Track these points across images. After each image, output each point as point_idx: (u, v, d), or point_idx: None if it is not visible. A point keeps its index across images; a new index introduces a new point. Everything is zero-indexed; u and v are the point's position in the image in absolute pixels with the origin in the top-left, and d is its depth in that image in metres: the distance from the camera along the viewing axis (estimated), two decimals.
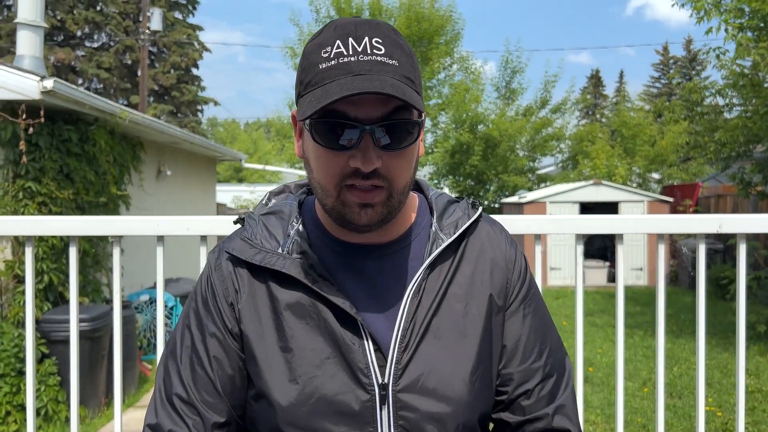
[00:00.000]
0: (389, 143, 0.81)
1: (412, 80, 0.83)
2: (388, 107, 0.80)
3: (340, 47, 0.80)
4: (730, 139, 8.11)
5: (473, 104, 15.50)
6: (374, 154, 0.80)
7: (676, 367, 6.12)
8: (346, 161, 0.81)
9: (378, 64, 0.80)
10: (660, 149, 16.12)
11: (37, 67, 5.57)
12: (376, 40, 0.81)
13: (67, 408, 4.48)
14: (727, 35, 7.03)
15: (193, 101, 26.51)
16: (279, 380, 0.86)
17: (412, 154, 0.86)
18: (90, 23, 23.97)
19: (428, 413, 0.86)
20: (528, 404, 0.93)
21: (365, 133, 0.80)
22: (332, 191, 0.83)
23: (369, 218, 0.84)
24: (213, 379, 0.89)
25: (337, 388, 0.85)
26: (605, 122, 23.96)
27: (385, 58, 0.80)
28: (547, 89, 17.20)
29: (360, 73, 0.78)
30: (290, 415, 0.85)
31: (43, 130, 4.82)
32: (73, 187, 5.08)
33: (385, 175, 0.82)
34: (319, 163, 0.84)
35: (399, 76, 0.81)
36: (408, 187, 0.87)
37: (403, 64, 0.82)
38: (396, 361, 0.86)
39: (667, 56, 39.77)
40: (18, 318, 4.62)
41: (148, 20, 16.68)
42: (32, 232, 1.65)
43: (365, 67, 0.79)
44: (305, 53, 0.84)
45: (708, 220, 1.63)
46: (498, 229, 1.01)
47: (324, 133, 0.81)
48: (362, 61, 0.79)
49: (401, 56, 0.82)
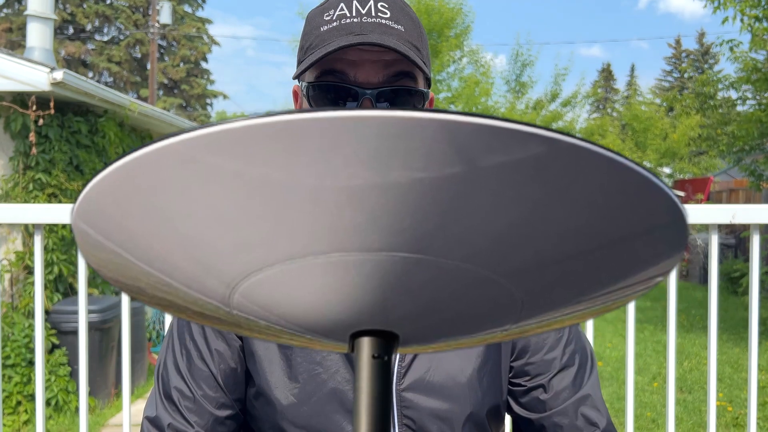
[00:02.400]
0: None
1: (418, 48, 0.78)
2: (390, 70, 0.76)
3: (343, 9, 0.76)
4: (744, 133, 8.04)
5: (483, 97, 15.44)
6: None
7: (687, 362, 6.08)
8: None
9: (381, 26, 0.75)
10: (671, 143, 16.01)
11: (47, 59, 5.59)
12: (382, 4, 0.77)
13: (77, 398, 4.51)
14: (743, 25, 6.96)
15: (202, 95, 26.58)
16: (279, 378, 0.84)
17: None
18: (100, 17, 24.07)
19: (434, 411, 0.83)
20: (547, 398, 0.87)
21: (365, 98, 0.75)
22: None
23: None
24: (215, 372, 0.86)
25: (339, 385, 0.83)
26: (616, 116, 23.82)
27: (390, 22, 0.76)
28: (557, 83, 17.10)
29: (362, 33, 0.74)
30: (291, 413, 0.83)
31: (53, 122, 4.84)
32: (83, 178, 5.10)
33: None
34: None
35: (404, 41, 0.76)
36: None
37: (409, 30, 0.78)
38: (400, 358, 0.83)
39: (679, 50, 39.44)
40: (29, 309, 4.65)
41: (157, 13, 16.72)
42: (42, 220, 1.65)
43: (368, 29, 0.75)
44: (308, 19, 0.81)
45: (721, 210, 1.61)
46: None
47: (321, 97, 0.77)
48: (365, 23, 0.75)
49: (407, 22, 0.78)
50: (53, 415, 4.44)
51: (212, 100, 27.66)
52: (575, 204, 0.24)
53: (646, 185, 0.25)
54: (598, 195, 0.24)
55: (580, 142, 0.23)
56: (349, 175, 0.23)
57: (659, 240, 0.28)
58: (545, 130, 0.22)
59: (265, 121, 0.22)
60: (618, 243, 0.27)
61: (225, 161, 0.23)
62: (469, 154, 0.22)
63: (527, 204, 0.24)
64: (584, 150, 0.23)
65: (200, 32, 26.08)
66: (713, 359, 1.66)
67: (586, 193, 0.24)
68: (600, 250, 0.27)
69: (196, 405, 0.86)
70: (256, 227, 0.25)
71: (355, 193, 0.23)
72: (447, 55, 15.51)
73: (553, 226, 0.25)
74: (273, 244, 0.26)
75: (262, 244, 0.26)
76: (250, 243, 0.26)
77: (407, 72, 0.77)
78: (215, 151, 0.23)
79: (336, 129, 0.22)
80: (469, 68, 16.69)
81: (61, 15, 22.88)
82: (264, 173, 0.23)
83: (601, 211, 0.25)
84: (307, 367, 0.83)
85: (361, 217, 0.24)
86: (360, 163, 0.22)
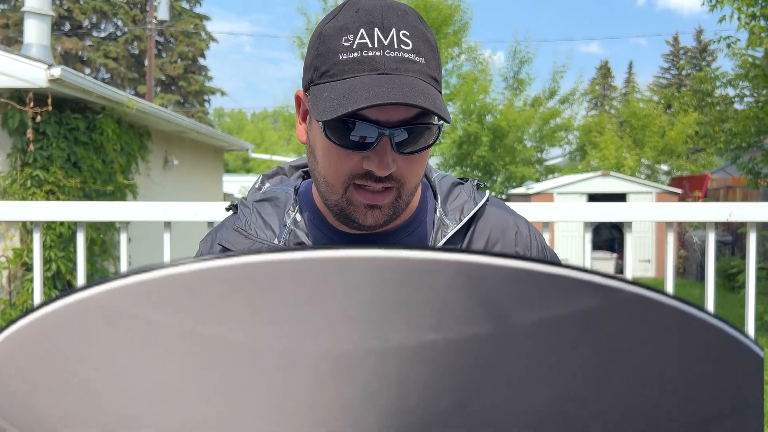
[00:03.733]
0: (407, 146, 0.76)
1: (436, 79, 0.77)
2: (412, 112, 0.75)
3: (364, 38, 0.74)
4: (741, 130, 8.05)
5: (481, 95, 15.43)
6: (390, 159, 0.75)
7: None
8: (359, 162, 0.76)
9: (404, 62, 0.74)
10: (669, 140, 16.03)
11: (45, 55, 5.58)
12: (404, 33, 0.75)
13: None
14: (740, 24, 6.97)
15: (200, 91, 26.54)
16: None
17: (426, 154, 0.81)
18: (97, 13, 24.00)
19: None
20: None
21: (384, 136, 0.74)
22: (339, 189, 0.78)
23: (375, 219, 0.79)
24: None
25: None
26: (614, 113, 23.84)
27: (412, 55, 0.74)
28: (555, 80, 17.10)
29: (386, 72, 0.73)
30: None
31: (51, 119, 4.83)
32: (81, 175, 5.09)
33: (399, 177, 0.78)
34: (329, 159, 0.78)
35: (425, 75, 0.75)
36: (417, 186, 0.82)
37: (429, 61, 0.76)
38: None
39: (677, 47, 39.46)
40: (27, 305, 4.65)
41: (155, 10, 16.68)
42: (40, 217, 1.65)
43: (391, 65, 0.73)
44: (323, 36, 0.77)
45: (718, 207, 1.61)
46: (507, 211, 0.97)
47: (339, 131, 0.75)
48: (388, 58, 0.73)
49: (428, 52, 0.77)
50: None
51: (210, 96, 27.62)
52: (639, 374, 0.18)
53: (735, 349, 0.18)
54: (670, 362, 0.18)
55: (646, 292, 0.18)
56: (334, 335, 0.17)
57: (750, 423, 0.20)
58: (600, 276, 0.17)
59: (222, 263, 0.16)
60: (696, 428, 0.20)
61: (169, 317, 0.17)
62: (497, 309, 0.16)
63: (575, 375, 0.18)
64: (652, 302, 0.17)
65: (198, 29, 26.01)
66: None
67: (655, 360, 0.18)
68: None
69: None
70: (211, 403, 0.18)
71: (342, 360, 0.17)
72: (445, 53, 15.48)
73: (609, 404, 0.18)
74: (234, 426, 0.19)
75: (219, 425, 0.19)
76: (204, 424, 0.19)
77: (426, 111, 0.76)
78: (156, 303, 0.17)
79: (316, 274, 0.16)
80: (467, 65, 16.68)
81: (58, 11, 22.80)
82: (221, 333, 0.17)
83: (675, 384, 0.18)
84: None
85: (352, 392, 0.18)
86: (348, 321, 0.17)
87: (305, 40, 15.13)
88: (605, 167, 15.12)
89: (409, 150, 0.76)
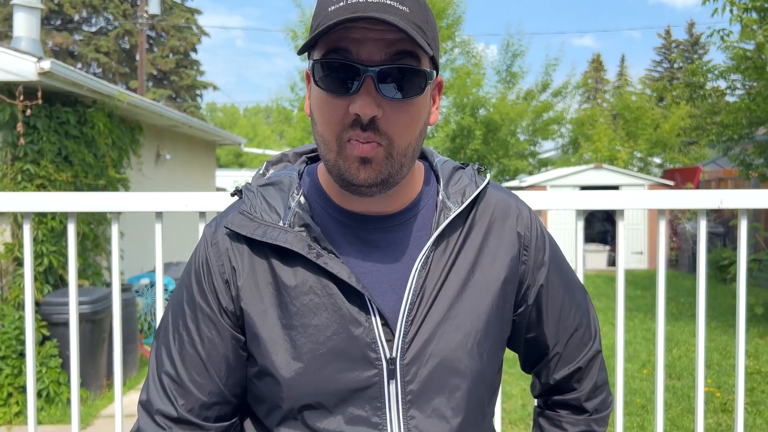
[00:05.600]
0: (392, 91, 0.77)
1: (422, 30, 0.79)
2: (393, 49, 0.77)
3: None
4: (733, 122, 8.09)
5: (474, 88, 15.42)
6: (374, 101, 0.77)
7: (676, 349, 6.14)
8: (347, 108, 0.78)
9: (386, 6, 0.75)
10: (663, 132, 16.08)
11: (34, 48, 5.53)
12: None
13: (68, 390, 4.50)
14: (733, 16, 6.99)
15: (192, 86, 26.40)
16: (283, 359, 0.84)
17: (417, 111, 0.82)
18: (88, 7, 23.81)
19: (437, 386, 0.85)
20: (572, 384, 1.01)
21: (366, 75, 0.76)
22: (333, 144, 0.80)
23: (367, 175, 0.80)
24: (204, 358, 0.87)
25: (344, 364, 0.83)
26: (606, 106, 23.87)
27: (395, 3, 0.76)
28: (548, 73, 17.11)
29: (365, 12, 0.74)
30: (296, 392, 0.84)
31: (41, 112, 4.79)
32: (72, 169, 5.06)
33: (385, 130, 0.79)
34: (321, 111, 0.81)
35: (407, 21, 0.76)
36: (412, 149, 0.83)
37: (414, 11, 0.78)
38: (404, 334, 0.84)
39: (669, 40, 39.52)
40: (18, 300, 4.62)
41: (146, 4, 16.55)
42: (30, 208, 1.64)
43: (372, 8, 0.75)
44: (318, 0, 0.82)
45: (709, 195, 1.62)
46: (507, 194, 0.98)
47: (326, 77, 0.78)
48: (370, 3, 0.75)
49: (413, 4, 0.78)
50: (45, 407, 4.43)
51: (202, 91, 27.48)
52: None
53: None
54: None
55: None
56: None
57: None
58: None
59: None
60: None
61: None
62: None
63: None
64: None
65: (189, 23, 25.86)
66: (701, 346, 1.67)
67: None
68: None
69: (184, 389, 0.87)
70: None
71: None
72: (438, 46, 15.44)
73: None
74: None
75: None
76: None
77: (410, 51, 0.77)
78: None
79: None
80: (460, 59, 16.66)
81: (48, 5, 22.61)
82: None
83: None
84: (311, 348, 0.84)
85: None
86: None
87: (300, 33, 15.06)
88: (598, 160, 15.16)
89: (394, 95, 0.78)
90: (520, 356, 1.03)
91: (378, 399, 0.84)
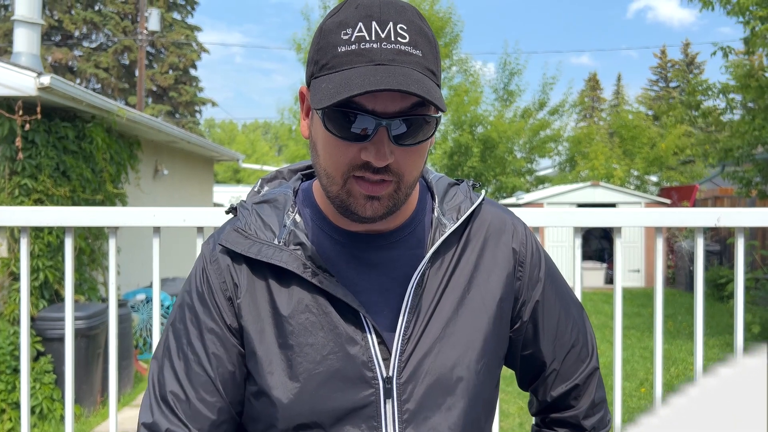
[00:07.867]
0: (405, 138, 0.77)
1: (434, 72, 0.78)
2: (408, 102, 0.76)
3: (362, 30, 0.75)
4: (738, 144, 8.08)
5: (472, 106, 15.51)
6: (388, 150, 0.76)
7: (674, 368, 6.12)
8: (357, 153, 0.77)
9: (401, 54, 0.75)
10: (660, 151, 16.15)
11: (34, 64, 5.55)
12: (401, 27, 0.76)
13: (62, 406, 4.45)
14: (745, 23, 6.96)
15: (191, 102, 26.49)
16: (280, 378, 0.83)
17: (425, 148, 0.82)
18: (88, 23, 23.95)
19: (434, 405, 0.84)
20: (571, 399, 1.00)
21: (381, 127, 0.76)
22: (339, 180, 0.79)
23: (374, 211, 0.80)
24: (213, 377, 0.86)
25: (340, 384, 0.83)
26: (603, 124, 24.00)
27: (409, 48, 0.76)
28: (545, 91, 17.23)
29: (382, 63, 0.74)
30: (292, 412, 0.83)
31: (40, 127, 4.80)
32: (70, 184, 5.06)
33: (396, 170, 0.79)
34: (328, 150, 0.80)
35: (422, 68, 0.76)
36: (416, 180, 0.83)
37: (427, 54, 0.78)
38: (400, 353, 0.84)
39: (665, 59, 39.88)
40: (14, 315, 4.60)
41: (146, 20, 16.67)
42: (28, 222, 1.63)
43: (387, 57, 0.74)
44: (323, 31, 0.79)
45: (706, 213, 1.62)
46: (502, 210, 0.98)
47: (337, 121, 0.77)
48: (385, 50, 0.74)
49: (425, 46, 0.78)
50: (38, 424, 4.39)
51: (201, 107, 27.57)
52: None
53: None
54: None
55: None
56: None
57: None
58: None
59: None
60: None
61: None
62: None
63: None
64: None
65: (189, 39, 26.01)
66: (699, 365, 1.67)
67: None
68: None
69: (192, 409, 0.86)
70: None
71: None
72: None
73: None
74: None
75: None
76: None
77: (421, 99, 0.76)
78: None
79: None
80: (458, 77, 16.77)
81: (49, 21, 22.75)
82: None
83: None
84: (308, 367, 0.83)
85: None
86: None
87: (305, 45, 15.17)
88: (595, 178, 15.21)
89: (406, 142, 0.78)
90: (517, 373, 1.03)
91: (374, 418, 0.83)
